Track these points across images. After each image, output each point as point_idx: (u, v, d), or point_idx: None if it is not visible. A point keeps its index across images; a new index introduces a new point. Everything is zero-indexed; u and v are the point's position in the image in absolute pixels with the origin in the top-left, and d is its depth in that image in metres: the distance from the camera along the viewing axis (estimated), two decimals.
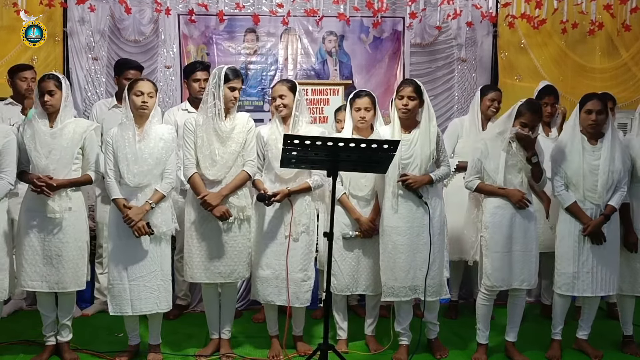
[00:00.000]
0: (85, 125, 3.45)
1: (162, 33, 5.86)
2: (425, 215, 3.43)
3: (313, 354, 3.17)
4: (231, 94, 3.39)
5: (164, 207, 3.38)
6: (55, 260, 3.33)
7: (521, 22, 5.89)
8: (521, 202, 3.41)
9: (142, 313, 3.40)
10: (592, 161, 3.48)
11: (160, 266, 3.37)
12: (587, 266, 3.48)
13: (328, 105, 5.08)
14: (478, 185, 3.50)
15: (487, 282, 3.47)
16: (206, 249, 3.44)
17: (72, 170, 3.37)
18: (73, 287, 3.38)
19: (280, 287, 3.46)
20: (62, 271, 3.33)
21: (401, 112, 3.44)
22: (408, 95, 3.41)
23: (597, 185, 3.46)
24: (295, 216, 3.45)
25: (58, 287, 3.35)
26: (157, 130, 3.39)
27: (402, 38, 6.12)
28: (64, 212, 3.32)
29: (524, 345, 3.69)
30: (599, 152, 3.49)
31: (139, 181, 3.32)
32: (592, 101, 3.50)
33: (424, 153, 3.42)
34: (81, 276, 3.40)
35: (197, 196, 3.37)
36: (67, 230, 3.34)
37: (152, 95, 3.34)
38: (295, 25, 6.00)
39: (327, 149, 2.87)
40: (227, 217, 3.36)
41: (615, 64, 6.14)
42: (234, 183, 3.40)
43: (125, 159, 3.31)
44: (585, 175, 3.47)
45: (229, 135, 3.41)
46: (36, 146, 3.31)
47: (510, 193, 3.42)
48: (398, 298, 3.47)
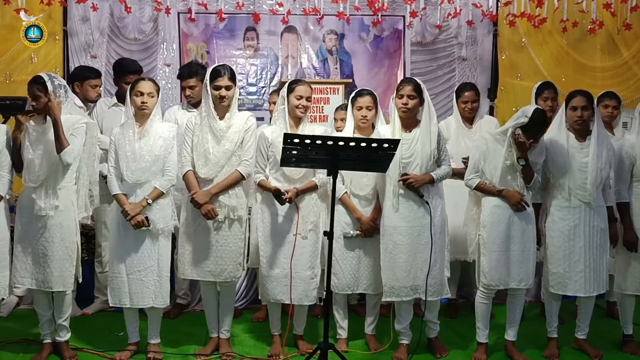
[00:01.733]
0: (74, 120, 3.36)
1: (162, 31, 5.86)
2: (427, 214, 3.42)
3: (313, 353, 3.17)
4: (216, 93, 3.36)
5: (162, 204, 3.39)
6: (42, 259, 3.32)
7: (522, 21, 5.89)
8: (519, 205, 3.40)
9: (139, 306, 3.43)
10: (580, 159, 3.47)
11: (157, 262, 3.39)
12: (579, 266, 3.47)
13: (328, 104, 5.07)
14: (478, 184, 3.50)
15: (484, 280, 3.47)
16: (196, 247, 3.45)
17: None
18: (58, 287, 3.33)
19: (289, 285, 3.45)
20: (47, 270, 3.31)
21: (401, 111, 3.43)
22: (408, 94, 3.40)
23: (586, 183, 3.44)
24: (304, 214, 3.46)
25: (44, 286, 3.34)
26: (158, 129, 3.41)
27: (402, 37, 6.12)
28: (50, 210, 3.29)
29: (524, 344, 3.69)
30: (587, 150, 3.47)
31: (137, 178, 3.35)
32: (576, 97, 3.48)
33: (425, 152, 3.41)
34: (67, 277, 3.35)
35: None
36: (53, 230, 3.31)
37: (152, 95, 3.36)
38: (295, 24, 6.00)
39: (327, 148, 2.86)
40: (212, 216, 3.36)
41: (615, 63, 6.14)
42: (224, 182, 3.39)
43: (125, 157, 3.35)
44: (574, 173, 3.46)
45: (224, 134, 3.40)
46: (30, 146, 3.31)
47: (509, 194, 3.41)
48: (399, 298, 3.46)
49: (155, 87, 3.40)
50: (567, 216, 3.49)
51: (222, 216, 3.41)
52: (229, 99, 3.40)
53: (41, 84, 3.28)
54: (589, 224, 3.48)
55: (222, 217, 3.41)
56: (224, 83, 3.37)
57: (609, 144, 3.53)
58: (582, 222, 3.47)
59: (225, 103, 3.40)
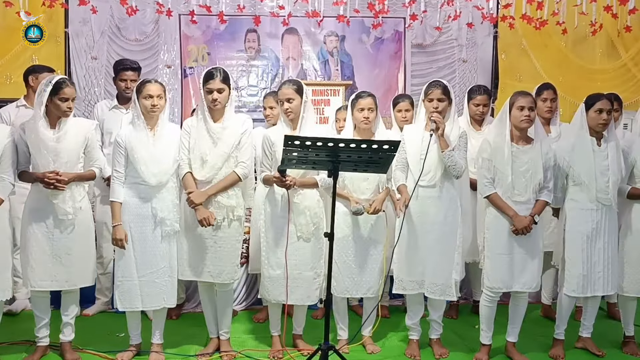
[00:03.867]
0: (87, 126, 3.50)
1: (163, 33, 5.87)
2: (438, 213, 3.44)
3: (314, 354, 3.18)
4: (209, 96, 3.36)
5: (170, 205, 3.41)
6: (64, 258, 3.36)
7: (522, 23, 5.90)
8: (523, 230, 3.36)
9: (151, 308, 3.46)
10: (600, 161, 3.49)
11: (169, 262, 3.43)
12: (599, 266, 3.50)
13: (329, 105, 5.08)
14: (491, 197, 3.44)
15: (487, 282, 3.48)
16: (195, 248, 3.46)
17: (78, 170, 3.42)
18: (82, 284, 3.46)
19: (291, 286, 3.46)
20: (71, 269, 3.37)
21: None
22: (438, 98, 3.43)
23: (608, 185, 3.47)
24: (306, 216, 3.45)
25: (68, 285, 3.40)
26: (169, 129, 3.46)
27: (403, 39, 6.13)
28: (77, 212, 3.37)
29: (524, 346, 3.69)
30: (605, 152, 3.50)
31: (160, 180, 3.38)
32: (602, 101, 3.49)
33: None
34: (90, 272, 3.48)
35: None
36: (76, 229, 3.38)
37: (161, 97, 3.38)
38: (296, 26, 6.01)
39: (328, 149, 2.87)
40: (207, 224, 3.35)
41: (615, 65, 6.15)
42: (221, 183, 3.39)
43: (144, 161, 3.35)
44: (597, 176, 3.48)
45: (220, 137, 3.40)
46: (41, 151, 3.31)
47: (517, 220, 3.37)
48: (405, 291, 3.53)
49: (163, 88, 3.41)
50: (589, 218, 3.50)
51: (221, 217, 3.41)
52: (221, 101, 3.38)
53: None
54: (608, 225, 3.52)
55: (221, 217, 3.41)
56: (215, 86, 3.35)
57: (619, 146, 3.57)
58: (602, 224, 3.50)
59: (218, 106, 3.38)
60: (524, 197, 3.40)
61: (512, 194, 3.40)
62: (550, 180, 3.45)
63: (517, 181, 3.39)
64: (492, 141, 3.48)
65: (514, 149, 3.42)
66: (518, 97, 3.44)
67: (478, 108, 4.21)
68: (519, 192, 3.40)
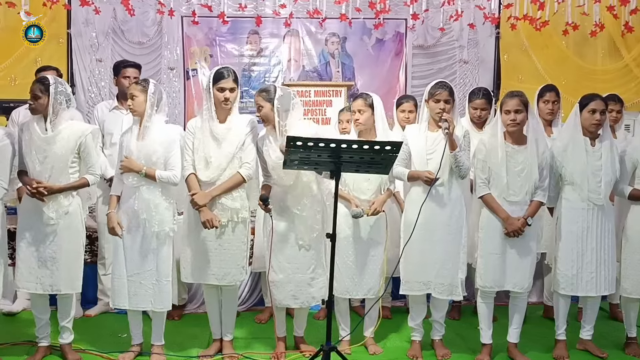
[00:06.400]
0: (80, 131, 3.37)
1: (165, 35, 5.89)
2: (444, 212, 3.44)
3: (316, 355, 3.18)
4: (221, 95, 3.35)
5: (161, 207, 3.37)
6: (49, 262, 3.33)
7: (523, 24, 5.90)
8: (515, 233, 3.37)
9: (137, 309, 3.43)
10: (594, 162, 3.49)
11: (156, 266, 3.37)
12: (590, 267, 3.49)
13: (331, 106, 5.08)
14: (485, 197, 3.46)
15: (479, 281, 3.51)
16: (199, 250, 3.44)
17: (70, 175, 3.34)
18: (67, 290, 3.38)
19: (295, 290, 3.45)
20: (56, 274, 3.33)
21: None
22: (445, 99, 3.42)
23: (600, 185, 3.47)
24: (308, 224, 3.43)
25: (52, 290, 3.36)
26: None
27: (404, 39, 6.13)
28: (60, 219, 3.32)
29: (527, 347, 3.69)
30: (599, 152, 3.50)
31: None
32: (595, 101, 3.50)
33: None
34: (76, 279, 3.39)
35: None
36: (61, 234, 3.33)
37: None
38: (298, 27, 6.02)
39: (330, 150, 2.87)
40: (210, 226, 3.33)
41: (617, 66, 6.15)
42: (225, 185, 3.37)
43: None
44: (589, 176, 3.48)
45: (225, 137, 3.39)
46: (31, 151, 3.30)
47: (509, 222, 3.39)
48: (412, 292, 3.52)
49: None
50: (580, 218, 3.51)
51: (226, 219, 3.40)
52: (232, 101, 3.40)
53: (45, 86, 3.27)
54: (600, 225, 3.51)
55: (225, 220, 3.40)
56: (228, 85, 3.35)
57: (615, 147, 3.56)
58: (594, 223, 3.50)
59: (228, 106, 3.39)
60: (519, 197, 3.41)
61: (507, 194, 3.41)
62: (545, 179, 3.46)
63: (513, 181, 3.40)
64: (486, 142, 3.49)
65: (508, 149, 3.43)
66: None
67: (476, 112, 4.21)
68: (514, 192, 3.41)
